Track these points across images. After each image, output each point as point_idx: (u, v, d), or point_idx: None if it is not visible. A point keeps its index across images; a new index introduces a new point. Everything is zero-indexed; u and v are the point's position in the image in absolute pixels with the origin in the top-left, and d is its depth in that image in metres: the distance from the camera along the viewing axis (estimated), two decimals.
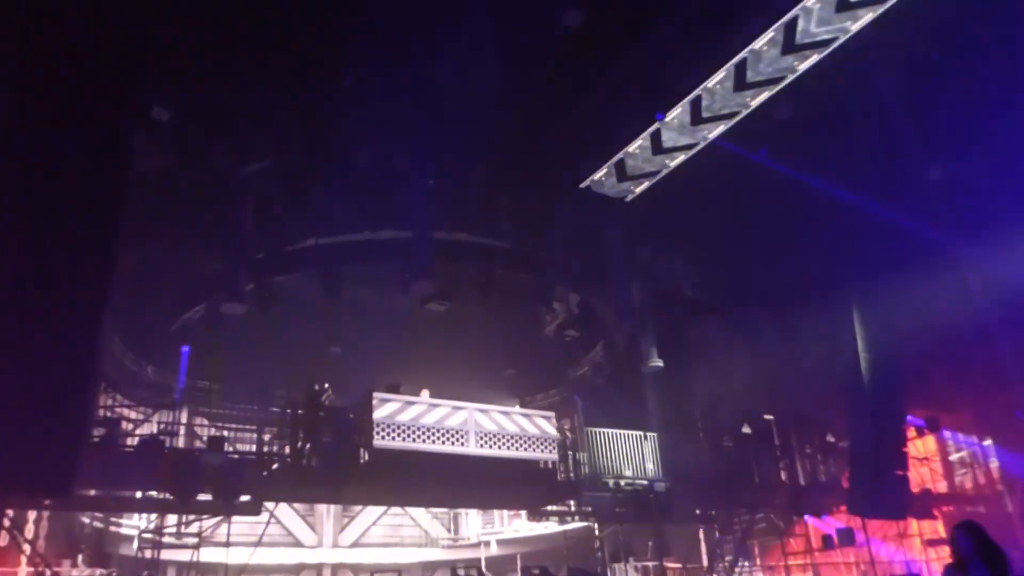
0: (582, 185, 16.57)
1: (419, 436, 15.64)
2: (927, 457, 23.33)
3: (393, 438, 15.35)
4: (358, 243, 17.15)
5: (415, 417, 15.74)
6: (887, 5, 10.52)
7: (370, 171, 18.14)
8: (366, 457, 15.35)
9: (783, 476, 23.51)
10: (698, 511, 21.07)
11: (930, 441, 23.79)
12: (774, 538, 21.49)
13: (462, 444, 16.09)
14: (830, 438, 23.96)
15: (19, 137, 10.22)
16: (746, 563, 21.35)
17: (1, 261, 9.80)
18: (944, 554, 21.50)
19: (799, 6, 10.66)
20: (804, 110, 14.07)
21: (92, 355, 10.62)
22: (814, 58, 11.56)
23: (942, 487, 23.21)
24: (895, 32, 11.48)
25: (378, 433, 15.21)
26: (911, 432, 21.38)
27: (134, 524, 18.64)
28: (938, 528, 21.83)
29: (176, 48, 12.72)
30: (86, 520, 18.41)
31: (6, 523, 13.24)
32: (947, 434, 23.69)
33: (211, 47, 13.31)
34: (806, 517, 21.84)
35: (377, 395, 15.57)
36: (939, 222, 17.14)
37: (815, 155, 16.60)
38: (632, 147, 13.82)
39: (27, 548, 14.34)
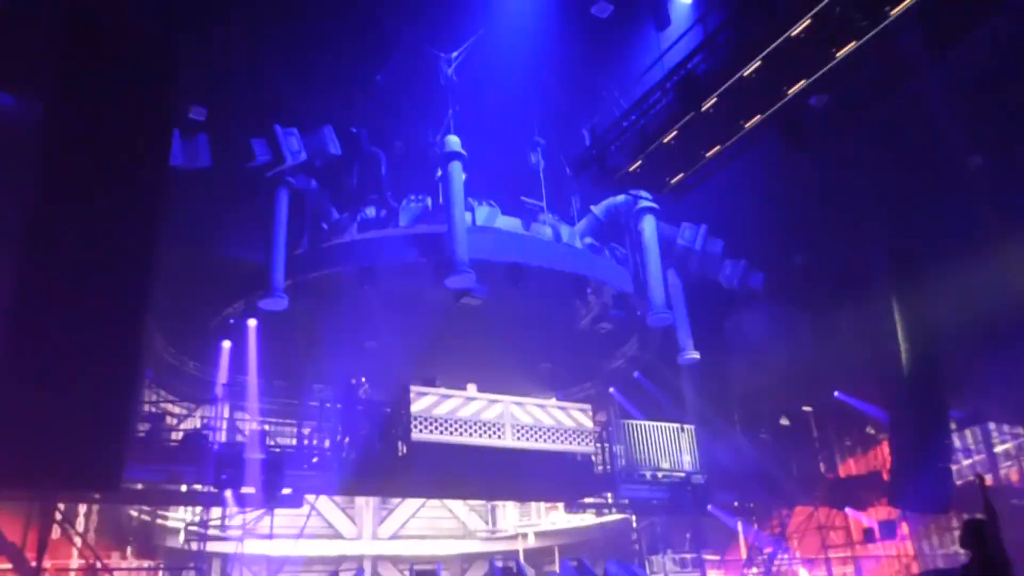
0: (617, 175, 16.51)
1: (456, 429, 15.77)
2: (971, 449, 22.89)
3: (430, 431, 15.50)
4: (394, 237, 17.25)
5: (452, 410, 15.88)
6: None
7: (405, 164, 18.33)
8: (404, 450, 15.53)
9: (822, 468, 23.31)
10: (736, 503, 20.96)
11: (974, 432, 23.34)
12: (813, 531, 21.27)
13: (499, 437, 16.19)
14: (870, 430, 23.69)
15: (59, 139, 10.46)
16: (785, 556, 21.15)
17: (46, 260, 10.06)
18: None
19: None
20: (843, 98, 13.85)
21: (136, 350, 10.87)
22: (852, 45, 11.35)
23: (987, 480, 22.75)
24: (935, 15, 11.24)
25: (415, 426, 15.37)
26: (954, 424, 20.99)
27: (180, 517, 19.03)
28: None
29: (211, 45, 12.95)
30: (134, 513, 18.83)
31: (58, 516, 13.63)
32: (992, 425, 23.20)
33: (246, 44, 13.53)
34: (847, 510, 21.60)
35: (414, 388, 15.72)
36: (981, 210, 16.77)
37: (854, 143, 16.38)
38: (667, 138, 13.66)
39: (78, 540, 14.74)
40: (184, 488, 15.85)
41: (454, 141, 16.91)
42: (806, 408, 23.68)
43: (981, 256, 17.22)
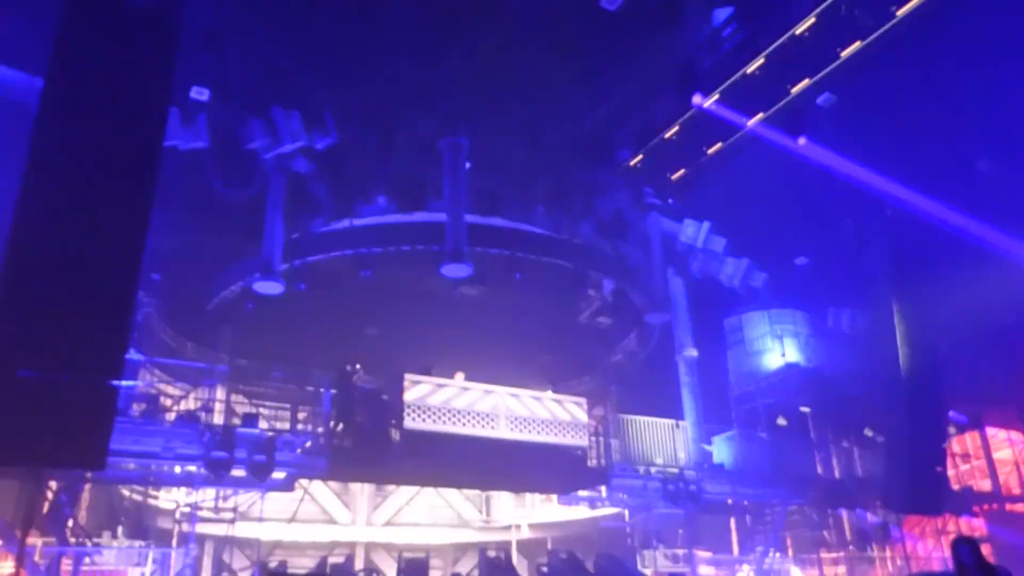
0: (619, 170, 16.43)
1: (450, 419, 15.75)
2: (969, 454, 22.79)
3: (424, 420, 15.49)
4: (392, 225, 17.21)
5: (446, 400, 15.85)
6: None
7: (406, 153, 18.23)
8: (397, 438, 15.50)
9: (819, 469, 23.23)
10: (730, 500, 20.90)
11: (974, 437, 23.24)
12: (808, 531, 21.23)
13: (492, 428, 16.16)
14: (868, 432, 23.58)
15: (54, 113, 10.41)
16: (778, 554, 21.10)
17: (35, 236, 10.02)
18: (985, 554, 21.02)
19: None
20: (847, 99, 13.76)
21: (125, 330, 10.82)
22: (856, 45, 11.23)
23: (986, 485, 22.65)
24: (942, 19, 11.12)
25: (409, 415, 15.35)
26: (952, 428, 20.89)
27: (172, 498, 19.04)
28: (980, 527, 21.34)
29: (212, 28, 12.89)
30: (126, 493, 18.87)
31: (49, 495, 13.67)
32: (991, 431, 23.09)
33: (248, 27, 13.46)
34: (841, 511, 21.53)
35: (409, 377, 15.69)
36: (984, 215, 16.63)
37: (858, 146, 16.25)
38: (668, 133, 13.60)
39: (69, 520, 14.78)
40: (177, 469, 15.86)
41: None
42: (804, 409, 23.58)
43: (984, 260, 17.12)
